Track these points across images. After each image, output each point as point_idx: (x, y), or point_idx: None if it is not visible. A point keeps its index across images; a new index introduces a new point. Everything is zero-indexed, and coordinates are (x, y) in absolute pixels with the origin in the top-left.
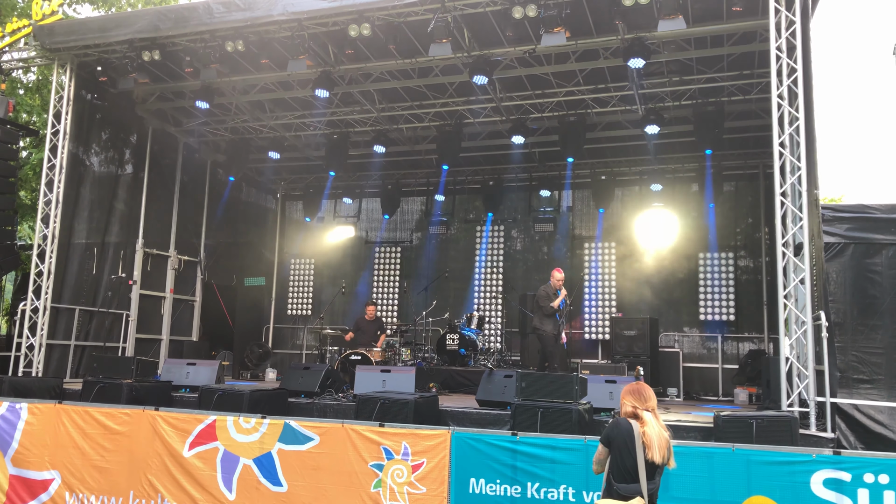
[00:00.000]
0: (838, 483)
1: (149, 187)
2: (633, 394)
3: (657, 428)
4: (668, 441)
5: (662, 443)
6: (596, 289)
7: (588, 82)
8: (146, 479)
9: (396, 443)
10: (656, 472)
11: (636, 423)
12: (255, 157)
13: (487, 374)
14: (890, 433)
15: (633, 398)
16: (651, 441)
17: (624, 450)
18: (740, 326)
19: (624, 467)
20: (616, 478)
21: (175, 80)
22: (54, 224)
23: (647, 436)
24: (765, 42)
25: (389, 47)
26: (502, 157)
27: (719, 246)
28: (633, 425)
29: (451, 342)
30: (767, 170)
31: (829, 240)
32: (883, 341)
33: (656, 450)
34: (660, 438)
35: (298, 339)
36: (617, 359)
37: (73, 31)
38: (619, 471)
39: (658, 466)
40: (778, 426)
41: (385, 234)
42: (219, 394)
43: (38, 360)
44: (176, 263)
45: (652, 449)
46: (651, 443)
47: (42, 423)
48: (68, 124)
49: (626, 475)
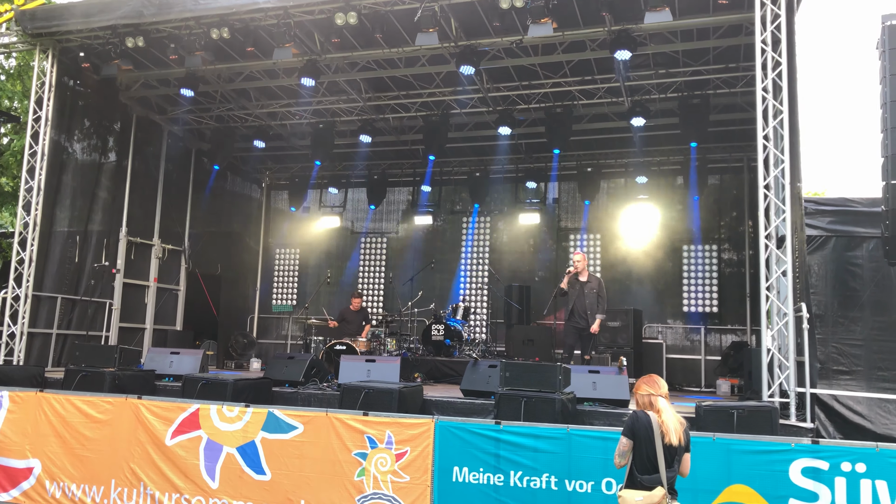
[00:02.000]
0: (816, 472)
1: (132, 175)
2: (647, 383)
3: (672, 413)
4: (684, 424)
5: (678, 426)
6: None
7: (575, 74)
8: (128, 467)
9: (380, 432)
10: (675, 458)
11: (654, 414)
12: (241, 146)
13: (472, 364)
14: (868, 423)
15: (647, 386)
16: (668, 426)
17: (646, 441)
18: (723, 319)
19: (647, 458)
20: (639, 469)
21: (159, 67)
22: (36, 211)
23: (664, 422)
24: (750, 35)
25: (376, 36)
26: (489, 149)
27: (703, 239)
28: (651, 417)
29: (437, 333)
30: (752, 163)
31: (812, 232)
32: (862, 333)
33: (673, 433)
34: (675, 422)
35: (283, 329)
36: (601, 350)
37: (55, 16)
38: (641, 462)
39: (676, 452)
40: (758, 416)
41: (371, 225)
42: (202, 382)
43: (19, 349)
44: (160, 252)
45: (669, 434)
46: (668, 428)
47: (23, 412)
48: (50, 111)
49: (648, 466)
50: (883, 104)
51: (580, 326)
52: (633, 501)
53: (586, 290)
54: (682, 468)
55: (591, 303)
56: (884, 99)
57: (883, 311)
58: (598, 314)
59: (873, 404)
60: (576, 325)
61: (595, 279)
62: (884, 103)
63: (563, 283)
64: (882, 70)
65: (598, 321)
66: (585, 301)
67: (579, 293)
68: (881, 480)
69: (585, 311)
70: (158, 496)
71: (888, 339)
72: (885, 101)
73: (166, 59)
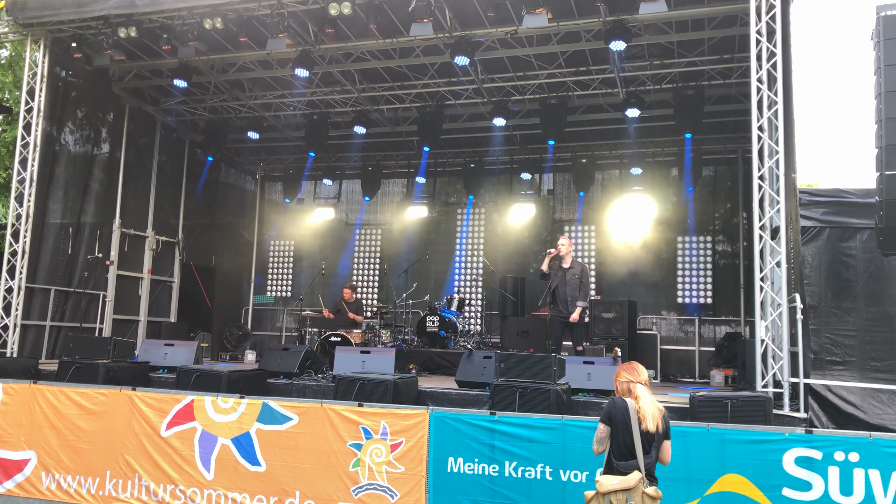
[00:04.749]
0: (809, 461)
1: (126, 167)
2: (626, 370)
3: (650, 399)
4: (662, 411)
5: (656, 413)
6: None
7: (569, 65)
8: (123, 459)
9: (375, 422)
10: (652, 445)
11: (631, 400)
12: (234, 138)
13: (467, 355)
14: (861, 413)
15: (626, 373)
16: (645, 413)
17: (623, 427)
18: (718, 310)
19: (624, 444)
20: (616, 455)
21: (152, 57)
22: (28, 203)
23: (641, 409)
24: (745, 26)
25: (370, 27)
26: (483, 140)
27: (698, 230)
28: (628, 403)
29: (432, 324)
30: (746, 154)
31: (806, 223)
32: (856, 324)
33: (650, 420)
34: (653, 409)
35: (278, 321)
36: (595, 341)
37: (46, 5)
38: (618, 448)
39: (654, 438)
40: (752, 406)
41: (365, 216)
42: (197, 374)
43: (12, 341)
44: (154, 244)
45: (646, 420)
46: (645, 415)
47: (17, 403)
48: (42, 102)
49: (625, 452)
50: (877, 95)
51: (563, 315)
52: (609, 485)
53: (568, 277)
54: (663, 456)
55: (572, 290)
56: (878, 90)
57: (876, 301)
58: (578, 301)
59: (866, 394)
60: (559, 314)
61: (578, 265)
62: (878, 94)
63: (544, 265)
64: (876, 61)
65: (579, 310)
66: (567, 288)
67: (561, 280)
68: (874, 469)
69: (567, 299)
70: (153, 487)
71: (881, 329)
72: (880, 91)
73: (159, 50)
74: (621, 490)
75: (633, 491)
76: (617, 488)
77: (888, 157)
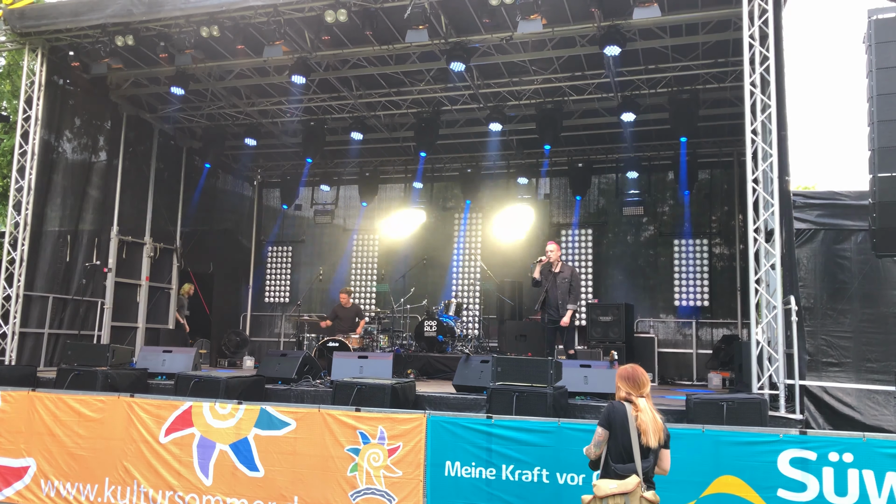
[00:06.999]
0: (804, 462)
1: (123, 174)
2: (627, 380)
3: (651, 414)
4: (663, 426)
5: (657, 427)
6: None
7: (565, 70)
8: (122, 465)
9: (373, 427)
10: (650, 451)
11: (630, 405)
12: (232, 144)
13: (464, 359)
14: (857, 415)
15: (627, 385)
16: (646, 427)
17: (621, 431)
18: (715, 312)
19: (622, 448)
20: (614, 458)
21: (149, 65)
22: (26, 211)
23: (642, 422)
24: (738, 30)
25: (366, 33)
26: (480, 145)
27: (694, 233)
28: (627, 407)
29: (429, 329)
30: (742, 157)
31: (800, 226)
32: (851, 325)
33: (651, 435)
34: (654, 423)
35: (276, 327)
36: (593, 344)
37: (44, 14)
38: (617, 452)
39: (653, 448)
40: (748, 408)
41: (363, 222)
42: (195, 380)
43: (10, 349)
44: (152, 251)
45: (647, 435)
46: (646, 429)
47: (16, 411)
48: (40, 110)
49: (622, 455)
50: (870, 98)
51: (554, 319)
52: (607, 490)
53: (558, 281)
54: (663, 464)
55: (562, 293)
56: (870, 93)
57: (871, 303)
58: (568, 304)
59: (862, 395)
60: (550, 319)
61: (568, 269)
62: (870, 97)
63: (535, 273)
64: (868, 64)
65: (569, 313)
66: (557, 291)
67: (552, 284)
68: (868, 470)
69: (558, 302)
70: (152, 494)
71: (877, 330)
72: (872, 94)
73: (156, 58)
74: (619, 494)
75: (631, 495)
76: (615, 492)
77: (881, 160)
